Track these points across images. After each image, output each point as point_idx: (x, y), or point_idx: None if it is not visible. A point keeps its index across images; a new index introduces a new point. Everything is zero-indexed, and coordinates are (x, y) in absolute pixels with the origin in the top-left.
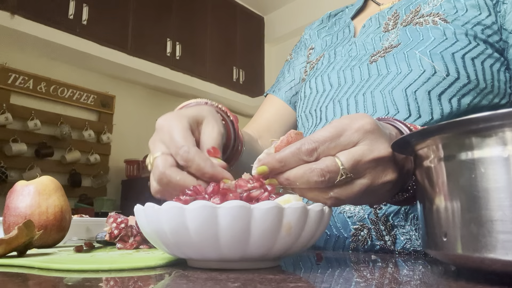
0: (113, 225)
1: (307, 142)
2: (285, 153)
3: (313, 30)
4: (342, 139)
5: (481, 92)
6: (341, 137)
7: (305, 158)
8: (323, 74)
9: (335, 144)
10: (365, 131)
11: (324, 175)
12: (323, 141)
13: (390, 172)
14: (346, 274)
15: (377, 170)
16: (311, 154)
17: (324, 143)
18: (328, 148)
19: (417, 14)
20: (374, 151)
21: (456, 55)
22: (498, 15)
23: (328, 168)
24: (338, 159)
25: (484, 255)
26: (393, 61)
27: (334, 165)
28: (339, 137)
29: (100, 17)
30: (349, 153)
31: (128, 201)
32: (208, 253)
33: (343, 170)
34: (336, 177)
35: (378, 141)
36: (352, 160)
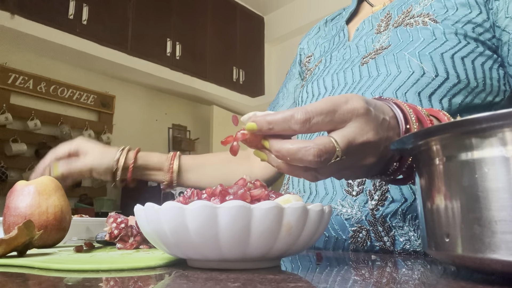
0: (113, 225)
1: (301, 111)
2: (277, 117)
3: (310, 39)
4: (337, 115)
5: (472, 91)
6: (336, 113)
7: (295, 127)
8: (318, 78)
9: (329, 119)
10: (357, 113)
11: (321, 155)
12: (318, 113)
13: (371, 157)
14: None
15: (360, 153)
16: (303, 124)
17: (318, 115)
18: (322, 122)
19: (408, 15)
20: (363, 135)
21: (445, 55)
22: (490, 12)
23: (326, 148)
24: (333, 139)
25: (487, 255)
26: (382, 63)
27: (332, 146)
28: (334, 113)
29: (100, 17)
30: (342, 133)
31: (128, 201)
32: (208, 253)
33: (338, 151)
34: (331, 158)
35: (367, 125)
36: (346, 141)
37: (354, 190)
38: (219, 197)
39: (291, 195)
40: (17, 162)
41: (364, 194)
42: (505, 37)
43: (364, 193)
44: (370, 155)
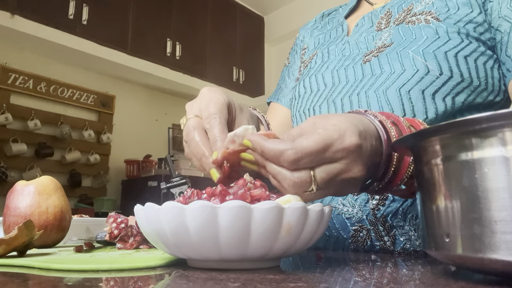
0: (113, 225)
1: (292, 151)
2: (269, 148)
3: (306, 30)
4: (327, 155)
5: (475, 90)
6: (326, 152)
7: (284, 164)
8: (317, 73)
9: (318, 159)
10: (349, 152)
11: (294, 186)
12: (308, 154)
13: (352, 188)
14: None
15: (343, 186)
16: (292, 164)
17: (308, 156)
18: (311, 162)
19: (409, 13)
20: (350, 172)
21: (448, 54)
22: (486, 13)
23: (301, 181)
24: (313, 174)
25: (487, 255)
26: (386, 61)
27: (308, 181)
28: (324, 152)
29: (100, 17)
30: (326, 169)
31: (128, 201)
32: (208, 253)
33: (314, 186)
34: (306, 189)
35: (356, 163)
36: (327, 177)
37: None
38: (219, 197)
39: (291, 195)
40: (17, 162)
41: (365, 193)
42: (498, 37)
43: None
44: (352, 187)
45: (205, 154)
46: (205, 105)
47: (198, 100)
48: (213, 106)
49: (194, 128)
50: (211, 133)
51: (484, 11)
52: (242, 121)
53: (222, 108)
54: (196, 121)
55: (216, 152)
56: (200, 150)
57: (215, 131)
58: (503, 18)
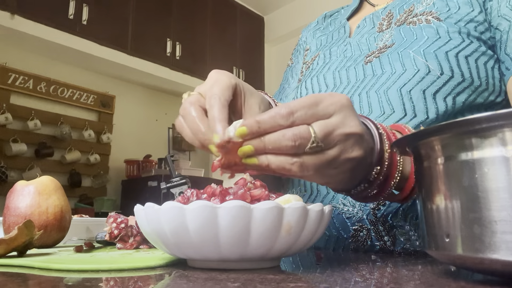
0: (113, 225)
1: (284, 106)
2: (264, 116)
3: (309, 32)
4: (319, 108)
5: (476, 90)
6: (318, 106)
7: (281, 122)
8: (318, 74)
9: (312, 112)
10: (341, 105)
11: (295, 140)
12: (301, 107)
13: (357, 149)
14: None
15: (346, 144)
16: (288, 117)
17: (301, 109)
18: (305, 115)
19: (410, 14)
20: (346, 126)
21: (449, 54)
22: (486, 12)
23: (300, 133)
24: (311, 128)
25: (487, 255)
26: (387, 61)
27: (307, 132)
28: (316, 106)
29: (100, 17)
30: (323, 123)
31: (128, 201)
32: (208, 253)
33: (314, 137)
34: (307, 143)
35: (351, 117)
36: (325, 130)
37: None
38: (219, 197)
39: (291, 195)
40: (17, 162)
41: None
42: (498, 35)
43: None
44: (356, 147)
45: (201, 129)
46: (210, 86)
47: (206, 82)
48: (217, 87)
49: (191, 103)
50: (210, 113)
51: (484, 10)
52: (252, 104)
53: (225, 89)
54: (196, 98)
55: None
56: (196, 126)
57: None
58: (502, 17)
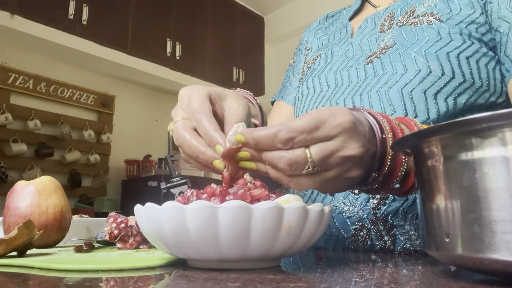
0: (113, 225)
1: (284, 130)
2: (262, 134)
3: (310, 31)
4: (320, 132)
5: (477, 90)
6: (319, 130)
7: (278, 145)
8: (320, 74)
9: (312, 137)
10: (343, 128)
11: (291, 164)
12: (301, 132)
13: (356, 169)
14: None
15: (344, 167)
16: (286, 143)
17: (301, 134)
18: (305, 140)
19: (412, 14)
20: (346, 149)
21: (451, 55)
22: (487, 14)
23: (296, 159)
24: (308, 151)
25: (487, 255)
26: (388, 62)
27: (303, 157)
28: (317, 130)
29: (100, 17)
30: (321, 146)
31: (128, 201)
32: (208, 253)
33: (311, 162)
34: (303, 168)
35: (352, 139)
36: (322, 154)
37: None
38: (219, 197)
39: (291, 195)
40: (17, 162)
41: None
42: (498, 37)
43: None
44: (355, 168)
45: (200, 150)
46: (186, 104)
47: (179, 102)
48: (194, 102)
49: (181, 129)
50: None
51: (485, 12)
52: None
53: (202, 101)
54: (182, 123)
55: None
56: (195, 149)
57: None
58: (502, 19)
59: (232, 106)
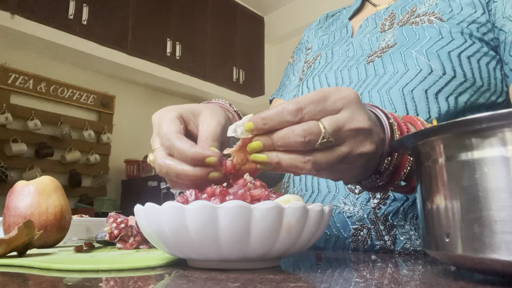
0: (113, 225)
1: (292, 102)
2: (270, 112)
3: (311, 31)
4: (328, 103)
5: (478, 90)
6: (326, 101)
7: (288, 118)
8: (320, 73)
9: (321, 108)
10: (349, 100)
11: (305, 136)
12: (309, 103)
13: (368, 144)
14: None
15: (356, 140)
16: (296, 114)
17: (310, 104)
18: (314, 111)
19: (413, 14)
20: (355, 121)
21: (452, 54)
22: (490, 13)
23: (310, 129)
24: (320, 123)
25: (487, 255)
26: (389, 61)
27: (317, 128)
28: (325, 101)
29: (100, 17)
30: (332, 118)
31: (128, 201)
32: (208, 253)
33: (324, 133)
34: (317, 139)
35: (359, 112)
36: (334, 125)
37: (356, 188)
38: (219, 197)
39: (291, 195)
40: (17, 162)
41: (367, 192)
42: (502, 37)
43: (367, 192)
44: (367, 142)
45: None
46: (157, 130)
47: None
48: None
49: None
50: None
51: (488, 11)
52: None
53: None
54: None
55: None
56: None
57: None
58: (507, 18)
59: (205, 121)
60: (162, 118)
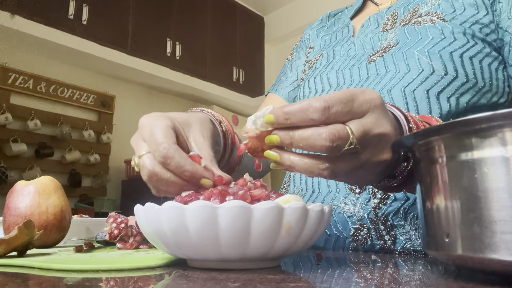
0: (113, 225)
1: (319, 100)
2: (294, 107)
3: (312, 29)
4: (355, 105)
5: (480, 90)
6: (354, 102)
7: (314, 116)
8: (322, 73)
9: (348, 109)
10: (374, 105)
11: (333, 140)
12: (337, 102)
13: (388, 152)
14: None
15: (377, 147)
16: (323, 113)
17: (338, 104)
18: (342, 112)
19: (415, 14)
20: (380, 126)
21: (454, 54)
22: (494, 14)
23: (339, 133)
24: (348, 127)
25: (487, 255)
26: (391, 61)
27: (345, 132)
28: (353, 102)
29: (100, 17)
30: (359, 122)
31: (128, 201)
32: (208, 253)
33: (352, 138)
34: (344, 145)
35: (383, 117)
36: (362, 130)
37: (357, 188)
38: (219, 197)
39: (291, 195)
40: (17, 162)
41: (367, 192)
42: (507, 38)
43: (367, 191)
44: (387, 149)
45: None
46: (149, 136)
47: (140, 132)
48: (158, 134)
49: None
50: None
51: (492, 11)
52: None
53: (167, 133)
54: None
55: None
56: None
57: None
58: None
59: (198, 139)
60: (155, 125)
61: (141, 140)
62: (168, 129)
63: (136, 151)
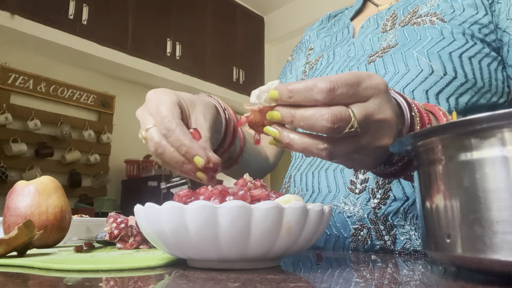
0: (113, 225)
1: (325, 80)
2: (299, 85)
3: (313, 31)
4: (361, 89)
5: (479, 91)
6: (359, 86)
7: (318, 97)
8: (322, 74)
9: (353, 92)
10: (379, 90)
11: (335, 122)
12: (343, 84)
13: (387, 137)
14: (346, 274)
15: (378, 132)
16: (328, 93)
17: (343, 86)
18: (347, 94)
19: (415, 15)
20: (382, 112)
21: (453, 54)
22: (493, 14)
23: (341, 116)
24: (351, 110)
25: (488, 256)
26: (390, 61)
27: (348, 114)
28: (358, 85)
29: (100, 17)
30: (362, 106)
31: (128, 201)
32: (208, 253)
33: (353, 121)
34: (345, 128)
35: (386, 104)
36: (364, 114)
37: (357, 188)
38: (219, 197)
39: (291, 195)
40: (17, 162)
41: (367, 192)
42: (506, 38)
43: (367, 191)
44: (387, 135)
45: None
46: (154, 109)
47: (147, 106)
48: (163, 107)
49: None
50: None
51: (491, 12)
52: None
53: (173, 107)
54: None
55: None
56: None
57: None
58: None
59: (198, 119)
60: (161, 99)
61: (147, 114)
62: (173, 104)
63: (142, 124)
